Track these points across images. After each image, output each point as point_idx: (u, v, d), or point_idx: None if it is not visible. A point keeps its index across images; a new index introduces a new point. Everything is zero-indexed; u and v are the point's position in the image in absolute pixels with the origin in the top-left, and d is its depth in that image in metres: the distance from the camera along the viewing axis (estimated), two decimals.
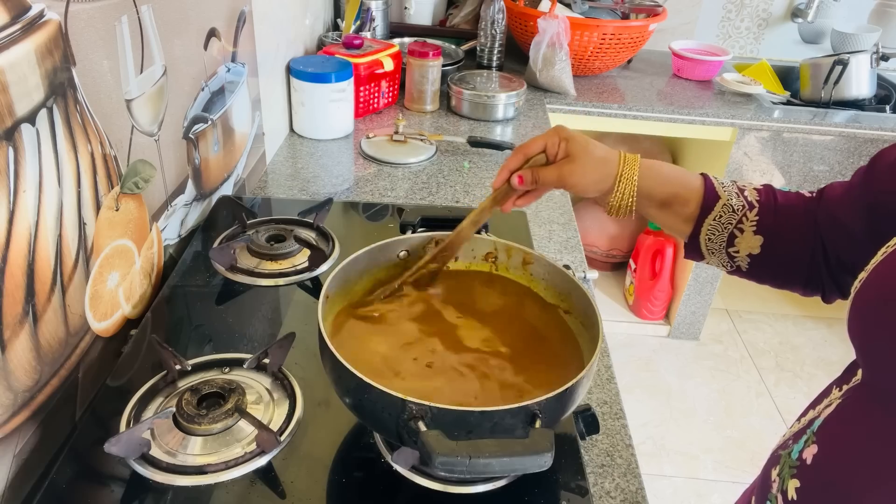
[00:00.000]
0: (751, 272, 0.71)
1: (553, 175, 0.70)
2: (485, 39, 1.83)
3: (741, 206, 0.68)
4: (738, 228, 0.68)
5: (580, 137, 0.70)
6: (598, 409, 0.80)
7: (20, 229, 0.61)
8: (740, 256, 0.70)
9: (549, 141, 0.70)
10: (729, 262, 0.71)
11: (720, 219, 0.69)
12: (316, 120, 1.43)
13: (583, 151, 0.69)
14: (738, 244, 0.69)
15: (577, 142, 0.70)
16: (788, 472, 0.54)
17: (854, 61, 1.92)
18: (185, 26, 0.91)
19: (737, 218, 0.68)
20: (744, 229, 0.68)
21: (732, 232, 0.69)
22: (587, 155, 0.69)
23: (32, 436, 0.65)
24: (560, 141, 0.70)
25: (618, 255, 2.53)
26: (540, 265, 0.75)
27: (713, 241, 0.70)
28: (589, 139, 0.71)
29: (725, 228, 0.69)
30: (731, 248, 0.70)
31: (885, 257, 0.50)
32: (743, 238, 0.68)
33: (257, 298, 0.90)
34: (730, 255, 0.70)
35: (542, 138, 0.71)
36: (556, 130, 0.71)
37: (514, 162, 0.72)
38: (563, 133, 0.70)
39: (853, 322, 0.51)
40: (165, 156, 0.89)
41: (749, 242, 0.68)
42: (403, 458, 0.57)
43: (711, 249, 0.71)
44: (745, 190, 0.70)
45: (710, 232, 0.70)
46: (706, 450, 2.00)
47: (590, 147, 0.70)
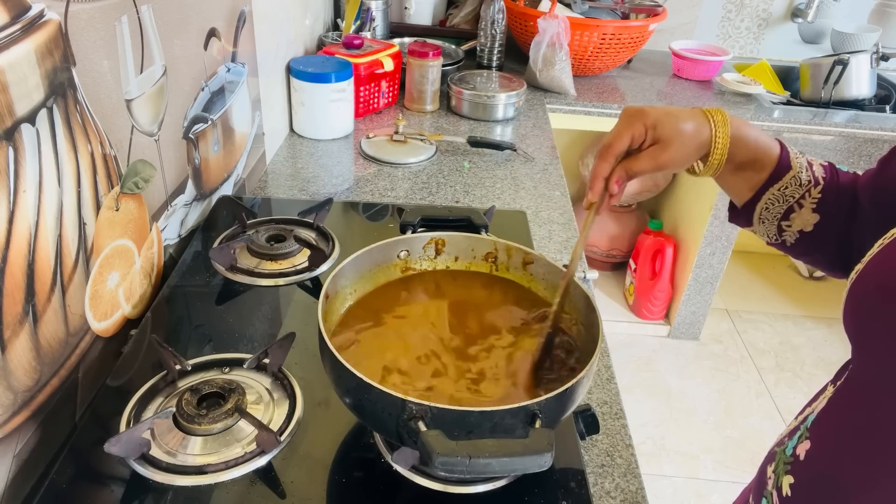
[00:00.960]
0: (794, 247, 0.70)
1: (649, 165, 0.65)
2: (485, 39, 1.83)
3: (808, 181, 0.67)
4: (798, 203, 0.67)
5: (666, 118, 0.65)
6: (598, 409, 0.80)
7: (20, 229, 0.61)
8: (791, 231, 0.68)
9: (636, 133, 0.65)
10: (777, 234, 0.70)
11: (785, 190, 0.67)
12: (316, 120, 1.43)
13: (676, 135, 0.65)
14: (794, 219, 0.68)
15: (666, 125, 0.64)
16: (783, 469, 0.54)
17: (854, 61, 1.92)
18: (185, 26, 0.91)
19: (801, 192, 0.67)
20: (804, 205, 0.67)
21: (792, 205, 0.67)
22: (680, 138, 0.65)
23: (32, 436, 0.65)
24: (647, 129, 0.65)
25: (618, 255, 2.53)
26: (540, 265, 0.75)
27: (769, 211, 0.69)
28: (672, 115, 0.66)
29: (787, 201, 0.67)
30: (784, 221, 0.68)
31: (881, 249, 0.50)
32: (800, 214, 0.67)
33: (257, 298, 0.90)
34: (781, 227, 0.69)
35: (625, 131, 0.65)
36: (636, 118, 0.65)
37: (605, 168, 0.66)
38: (648, 120, 0.65)
39: (848, 313, 0.52)
40: (165, 156, 0.89)
41: (805, 219, 0.67)
42: (403, 458, 0.57)
43: (764, 218, 0.70)
44: (812, 165, 0.68)
45: (771, 201, 0.68)
46: (706, 450, 2.00)
47: (679, 126, 0.65)
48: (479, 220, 0.82)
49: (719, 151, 0.66)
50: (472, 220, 0.82)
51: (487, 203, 1.22)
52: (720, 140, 0.66)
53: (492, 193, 1.27)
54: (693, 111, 0.67)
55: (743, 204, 0.71)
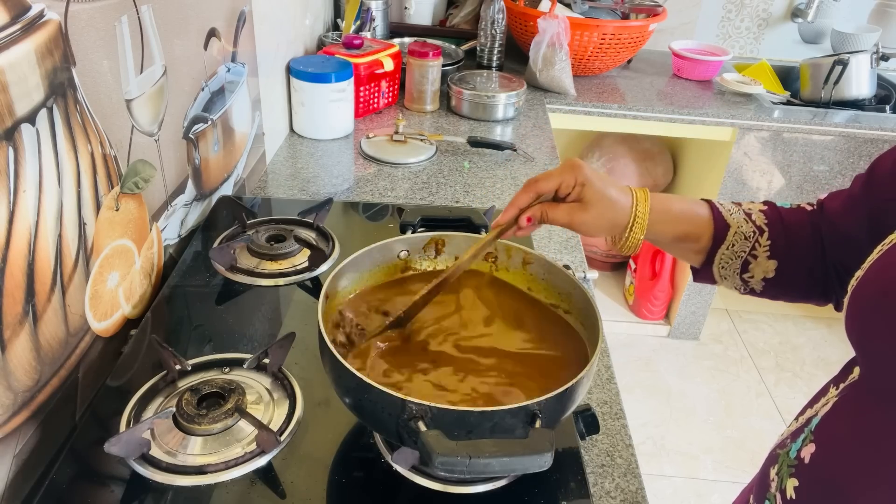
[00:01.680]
0: (765, 293, 0.70)
1: (564, 218, 0.67)
2: (485, 39, 1.83)
3: (752, 233, 0.67)
4: (751, 255, 0.68)
5: (597, 183, 0.66)
6: (598, 409, 0.80)
7: (20, 229, 0.61)
8: (755, 280, 0.69)
9: (565, 182, 0.66)
10: (742, 285, 0.70)
11: (733, 247, 0.68)
12: (316, 120, 1.43)
13: (598, 200, 0.66)
14: (753, 270, 0.68)
15: (594, 188, 0.66)
16: (787, 471, 0.54)
17: (854, 61, 1.92)
18: (185, 26, 0.91)
19: (749, 245, 0.68)
20: (757, 255, 0.67)
21: (746, 259, 0.68)
22: (602, 203, 0.66)
23: (32, 436, 0.65)
24: (576, 185, 0.66)
25: (618, 255, 2.53)
26: (540, 265, 0.75)
27: (726, 269, 0.70)
28: (604, 182, 0.67)
29: (739, 256, 0.68)
30: (745, 273, 0.69)
31: (880, 254, 0.50)
32: (757, 263, 0.68)
33: (257, 298, 0.90)
34: (744, 280, 0.69)
35: (556, 177, 0.66)
36: (572, 170, 0.66)
37: (523, 199, 0.67)
38: (580, 177, 0.66)
39: (851, 319, 0.51)
40: (165, 156, 0.89)
41: (763, 267, 0.68)
42: (403, 458, 0.57)
43: (724, 276, 0.70)
44: (751, 214, 0.69)
45: (724, 261, 0.69)
46: (706, 450, 2.00)
47: (605, 194, 0.66)
48: (479, 220, 0.82)
49: (633, 236, 0.67)
50: (472, 220, 0.83)
51: (487, 203, 1.22)
52: (637, 226, 0.67)
53: (492, 193, 1.27)
54: (625, 190, 0.68)
55: (700, 266, 0.72)
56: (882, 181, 0.60)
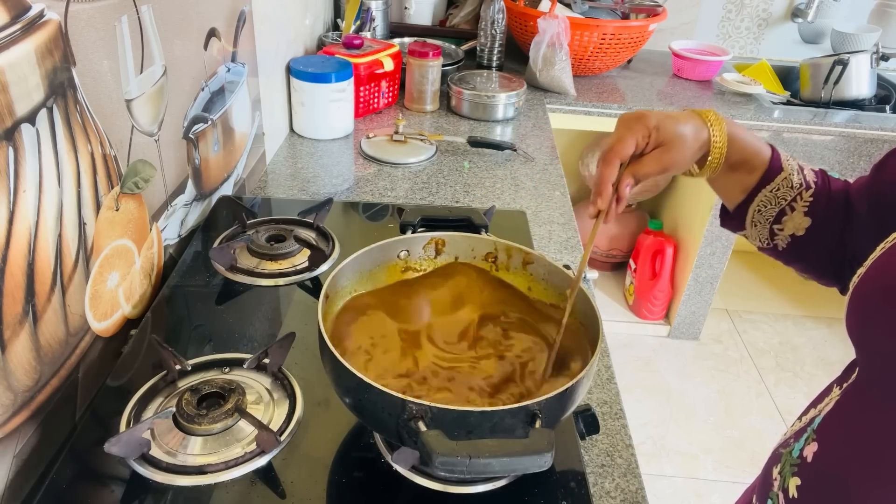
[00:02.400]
0: (786, 252, 0.70)
1: (655, 168, 0.65)
2: (485, 39, 1.83)
3: (799, 184, 0.67)
4: (790, 206, 0.67)
5: (666, 121, 0.65)
6: (598, 409, 0.80)
7: (20, 229, 0.61)
8: (783, 235, 0.69)
9: (639, 137, 0.65)
10: (769, 238, 0.70)
11: (777, 192, 0.68)
12: (316, 120, 1.43)
13: (677, 137, 0.65)
14: (786, 222, 0.68)
15: (667, 128, 0.64)
16: (789, 471, 0.54)
17: (854, 61, 1.92)
18: (185, 26, 0.91)
19: (792, 195, 0.67)
20: (795, 208, 0.67)
21: (784, 208, 0.68)
22: (682, 139, 0.65)
23: (32, 436, 0.65)
24: (650, 132, 0.65)
25: (618, 255, 2.53)
26: (540, 265, 0.75)
27: (762, 213, 0.69)
28: (672, 117, 0.66)
29: (779, 203, 0.68)
30: (776, 224, 0.69)
31: (882, 252, 0.50)
32: (792, 217, 0.68)
33: (257, 298, 0.90)
34: (773, 231, 0.69)
35: (629, 136, 0.65)
36: (636, 122, 0.65)
37: (611, 172, 0.65)
38: (650, 123, 0.64)
39: (851, 317, 0.51)
40: (165, 156, 0.89)
41: (797, 222, 0.67)
42: (403, 458, 0.57)
43: (756, 221, 0.70)
44: (804, 169, 0.69)
45: (763, 203, 0.69)
46: (706, 450, 2.00)
47: (679, 128, 0.65)
48: (479, 220, 0.82)
49: (718, 150, 0.67)
50: (472, 220, 0.82)
51: (487, 203, 1.22)
52: (718, 139, 0.66)
53: (492, 193, 1.27)
54: (687, 113, 0.67)
55: (735, 207, 0.71)
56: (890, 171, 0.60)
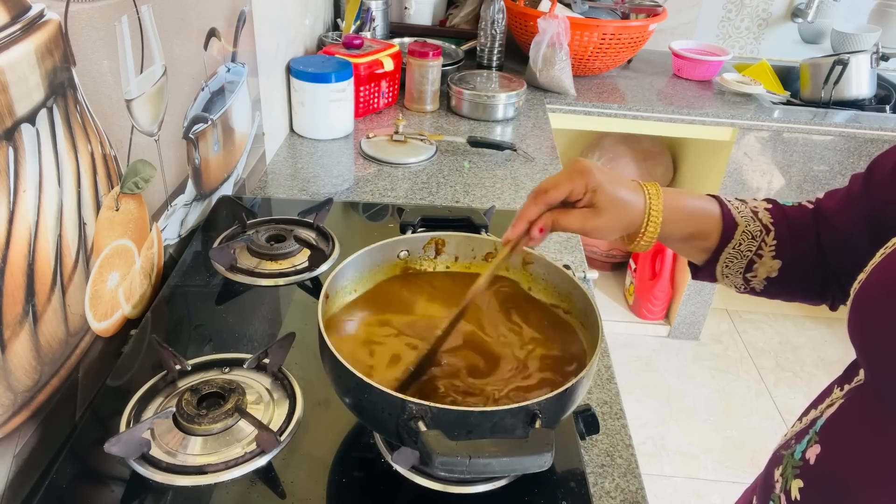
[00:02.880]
0: (765, 292, 0.70)
1: (577, 225, 0.63)
2: (485, 39, 1.83)
3: (759, 232, 0.67)
4: (757, 255, 0.67)
5: (607, 186, 0.63)
6: (598, 409, 0.80)
7: (20, 229, 0.61)
8: (757, 280, 0.68)
9: (575, 189, 0.63)
10: (744, 284, 0.70)
11: (739, 247, 0.67)
12: (316, 120, 1.43)
13: (611, 204, 0.63)
14: (757, 269, 0.68)
15: (605, 193, 0.62)
16: (791, 473, 0.54)
17: (854, 61, 1.92)
18: (185, 26, 0.91)
19: (756, 244, 0.67)
20: (763, 255, 0.67)
21: (752, 258, 0.67)
22: (615, 207, 0.63)
23: (32, 436, 0.65)
24: (587, 191, 0.63)
25: (618, 255, 2.53)
26: (540, 265, 0.75)
27: (730, 268, 0.69)
28: (614, 184, 0.64)
29: (745, 256, 0.67)
30: (748, 273, 0.68)
31: (883, 258, 0.50)
32: (762, 263, 0.67)
33: (257, 298, 0.90)
34: (746, 279, 0.69)
35: (564, 184, 0.63)
36: (581, 175, 0.63)
37: (532, 211, 0.64)
38: (591, 182, 0.62)
39: (853, 323, 0.51)
40: (165, 156, 0.89)
41: (768, 267, 0.67)
42: (403, 458, 0.57)
43: (727, 274, 0.70)
44: (757, 212, 0.68)
45: (729, 260, 0.68)
46: (706, 450, 2.00)
47: (617, 197, 0.63)
48: (479, 220, 0.82)
49: (652, 226, 0.64)
50: (472, 220, 0.82)
51: (487, 203, 1.22)
52: (651, 225, 0.64)
53: (492, 193, 1.27)
54: (636, 189, 0.65)
55: (703, 264, 0.71)
56: (881, 182, 0.60)
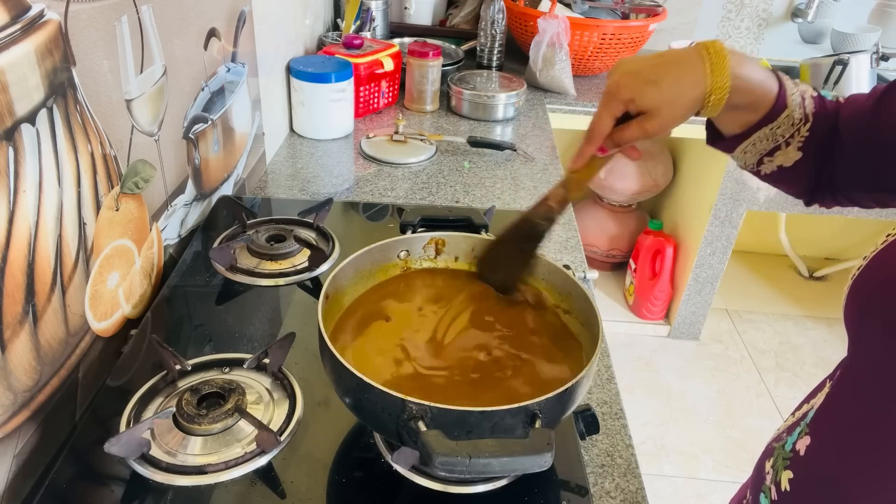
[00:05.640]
0: (768, 177, 0.68)
1: (639, 136, 0.61)
2: (485, 39, 1.83)
3: (800, 119, 0.64)
4: (786, 142, 0.65)
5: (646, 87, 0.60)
6: (598, 409, 0.80)
7: (20, 229, 0.61)
8: (771, 165, 0.67)
9: (615, 112, 0.62)
10: (755, 165, 0.68)
11: (776, 129, 0.65)
12: (316, 120, 1.43)
13: (659, 102, 0.60)
14: (777, 156, 0.66)
15: (646, 96, 0.60)
16: (782, 464, 0.54)
17: (854, 61, 1.92)
18: (185, 26, 0.91)
19: (791, 132, 0.64)
20: (791, 143, 0.65)
21: (780, 144, 0.65)
22: (666, 104, 0.60)
23: (32, 436, 0.65)
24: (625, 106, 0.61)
25: (618, 255, 2.53)
26: (540, 265, 0.75)
27: (755, 147, 0.66)
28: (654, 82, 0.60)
29: (776, 139, 0.65)
30: (767, 156, 0.66)
31: (884, 245, 0.50)
32: (785, 152, 0.65)
33: (257, 298, 0.90)
34: (761, 160, 0.67)
35: (606, 115, 0.62)
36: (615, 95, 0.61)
37: (590, 149, 0.64)
38: (625, 94, 0.60)
39: (849, 310, 0.52)
40: (165, 156, 0.89)
41: (788, 156, 0.65)
42: (403, 458, 0.57)
43: (748, 151, 0.67)
44: (805, 98, 0.65)
45: (760, 139, 0.65)
46: (706, 450, 2.00)
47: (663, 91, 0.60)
48: (479, 220, 0.82)
49: (713, 103, 0.61)
50: (472, 220, 0.82)
51: (487, 203, 1.22)
52: (717, 90, 0.60)
53: (492, 193, 1.27)
54: (686, 60, 0.61)
55: (730, 136, 0.68)
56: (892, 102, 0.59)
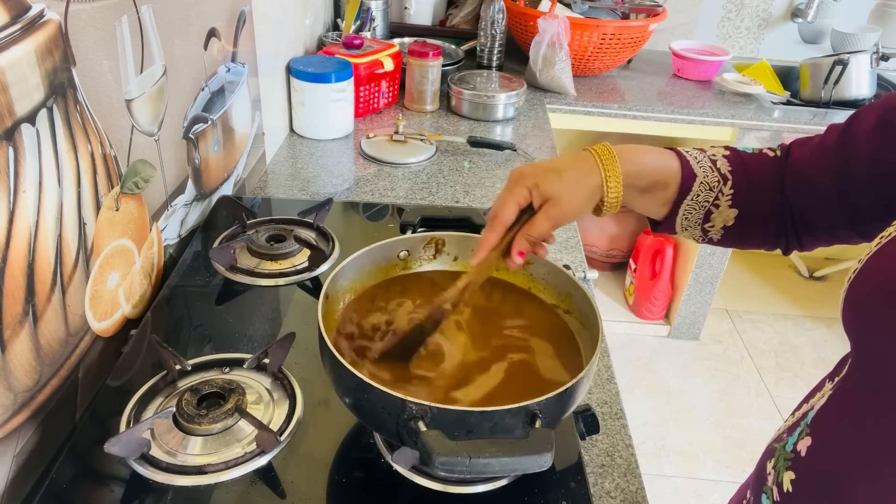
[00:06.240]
0: (723, 241, 0.71)
1: (546, 225, 0.64)
2: (485, 39, 1.83)
3: (717, 182, 0.67)
4: (714, 205, 0.68)
5: (545, 175, 0.63)
6: (598, 409, 0.80)
7: (20, 229, 0.61)
8: (714, 229, 0.69)
9: (520, 198, 0.64)
10: (702, 235, 0.70)
11: (697, 198, 0.68)
12: (316, 120, 1.43)
13: (560, 188, 0.63)
14: (714, 219, 0.68)
15: (547, 182, 0.63)
16: (783, 465, 0.54)
17: (854, 61, 1.92)
18: (185, 26, 0.91)
19: (713, 195, 0.67)
20: (720, 204, 0.67)
21: (709, 209, 0.68)
22: (566, 189, 0.64)
23: (32, 436, 0.65)
24: (530, 191, 0.64)
25: (618, 255, 2.53)
26: (540, 265, 0.75)
27: (689, 220, 0.69)
28: (553, 170, 0.64)
29: (702, 207, 0.68)
30: (706, 223, 0.69)
31: (879, 247, 0.50)
32: (718, 213, 0.68)
33: (257, 298, 0.90)
34: (704, 230, 0.70)
35: (509, 199, 0.64)
36: (518, 183, 0.64)
37: (492, 238, 0.64)
38: (527, 182, 0.63)
39: (848, 315, 0.52)
40: (165, 156, 0.89)
41: (724, 216, 0.68)
42: (403, 458, 0.57)
43: (686, 226, 0.70)
44: (716, 161, 0.68)
45: (687, 211, 0.69)
46: (706, 450, 2.00)
47: (562, 180, 0.63)
48: (479, 220, 0.82)
49: (613, 192, 0.65)
50: (472, 220, 0.83)
51: (487, 203, 1.22)
52: (612, 180, 0.65)
53: (492, 193, 1.27)
54: (577, 157, 0.66)
55: (663, 218, 0.71)
56: (858, 137, 0.60)
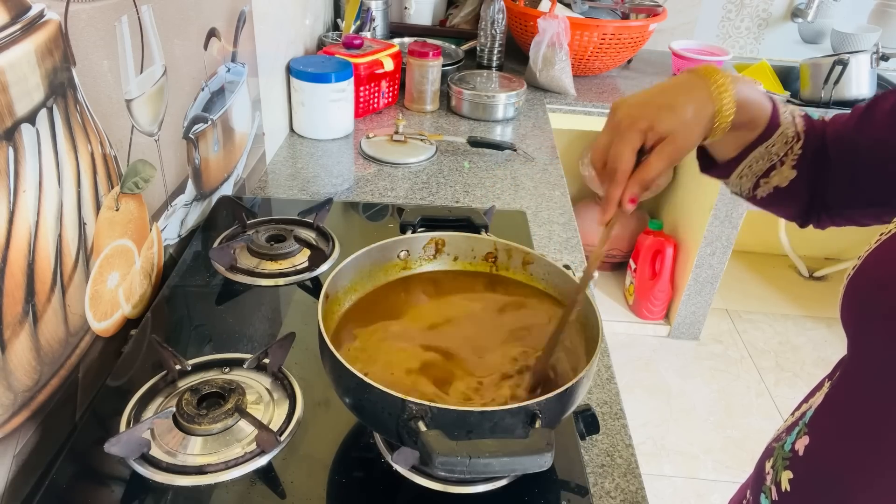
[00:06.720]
0: (764, 201, 0.68)
1: (662, 165, 0.60)
2: (485, 39, 1.83)
3: (793, 137, 0.65)
4: (781, 161, 0.65)
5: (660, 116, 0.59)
6: (598, 409, 0.80)
7: (20, 229, 0.61)
8: (767, 186, 0.67)
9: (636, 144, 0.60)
10: (751, 189, 0.68)
11: (771, 148, 0.65)
12: (316, 120, 1.43)
13: (676, 124, 0.59)
14: (772, 177, 0.66)
15: (663, 121, 0.59)
16: (781, 464, 0.54)
17: (854, 61, 1.92)
18: (185, 26, 0.91)
19: (785, 150, 0.65)
20: (785, 162, 0.65)
21: (775, 164, 0.65)
22: (683, 128, 0.59)
23: (32, 436, 0.65)
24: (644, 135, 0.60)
25: (618, 255, 2.53)
26: (540, 265, 0.75)
27: (752, 169, 0.66)
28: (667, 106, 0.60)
29: (771, 158, 0.65)
30: (764, 178, 0.66)
31: (878, 244, 0.50)
32: (780, 171, 0.66)
33: (257, 298, 0.90)
34: (758, 183, 0.67)
35: (626, 149, 0.60)
36: (630, 127, 0.59)
37: (618, 191, 0.61)
38: (642, 124, 0.59)
39: (846, 309, 0.52)
40: (165, 156, 0.89)
41: (783, 175, 0.66)
42: (403, 458, 0.57)
43: (743, 175, 0.67)
44: (795, 116, 0.66)
45: (756, 159, 0.66)
46: (706, 450, 2.00)
47: (679, 114, 0.59)
48: (479, 220, 0.82)
49: (721, 121, 0.61)
50: (472, 220, 0.82)
51: (487, 203, 1.22)
52: (726, 109, 0.61)
53: (492, 193, 1.27)
54: (688, 86, 0.61)
55: (726, 161, 0.68)
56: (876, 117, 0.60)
